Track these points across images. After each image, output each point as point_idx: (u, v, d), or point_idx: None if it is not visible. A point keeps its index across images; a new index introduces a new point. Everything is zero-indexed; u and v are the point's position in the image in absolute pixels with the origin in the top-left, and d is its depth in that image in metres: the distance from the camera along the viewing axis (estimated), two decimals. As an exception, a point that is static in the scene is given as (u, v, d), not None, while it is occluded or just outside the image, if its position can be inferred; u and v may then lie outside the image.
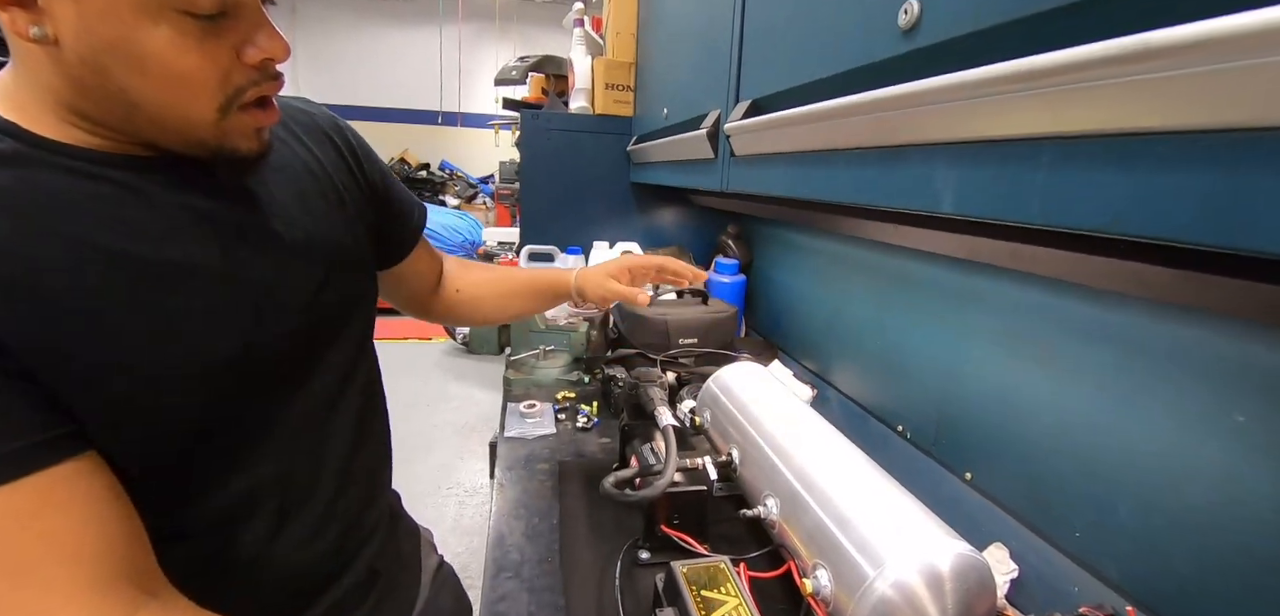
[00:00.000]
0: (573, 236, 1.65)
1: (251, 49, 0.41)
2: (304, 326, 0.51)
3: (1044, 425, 0.71)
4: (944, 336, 0.87)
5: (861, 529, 0.54)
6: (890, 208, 0.48)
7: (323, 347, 0.54)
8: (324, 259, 0.53)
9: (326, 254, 0.54)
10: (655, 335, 1.20)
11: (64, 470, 0.37)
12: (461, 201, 6.78)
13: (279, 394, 0.50)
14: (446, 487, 2.42)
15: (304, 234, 0.52)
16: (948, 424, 0.86)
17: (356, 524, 0.59)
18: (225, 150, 0.43)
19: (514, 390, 1.26)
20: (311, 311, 0.52)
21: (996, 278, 0.77)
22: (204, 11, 0.38)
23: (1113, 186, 0.31)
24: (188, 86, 0.39)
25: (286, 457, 0.51)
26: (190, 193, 0.44)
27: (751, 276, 1.49)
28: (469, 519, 2.25)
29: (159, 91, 0.38)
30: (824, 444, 0.67)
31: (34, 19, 0.35)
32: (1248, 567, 0.50)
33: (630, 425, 0.86)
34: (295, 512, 0.52)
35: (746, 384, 0.83)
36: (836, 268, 1.17)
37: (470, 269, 0.86)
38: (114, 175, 0.41)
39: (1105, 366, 0.63)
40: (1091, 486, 0.65)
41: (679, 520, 0.71)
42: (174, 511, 0.45)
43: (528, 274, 0.88)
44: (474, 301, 0.84)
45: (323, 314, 0.53)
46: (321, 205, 0.55)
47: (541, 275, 0.87)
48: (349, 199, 0.59)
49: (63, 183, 0.39)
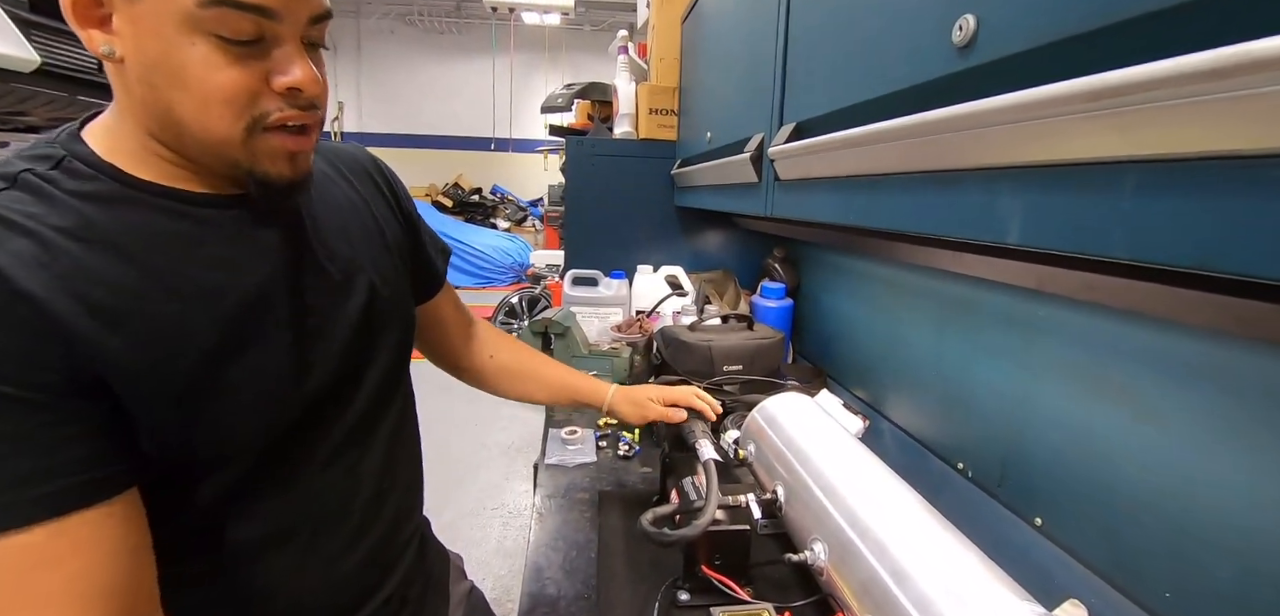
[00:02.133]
0: (617, 261, 1.66)
1: (280, 77, 0.43)
2: (348, 354, 0.53)
3: (1125, 470, 0.64)
4: (1009, 368, 0.80)
5: (921, 585, 0.50)
6: (947, 237, 0.45)
7: (362, 375, 0.56)
8: (367, 289, 0.56)
9: (369, 284, 0.56)
10: (699, 361, 1.17)
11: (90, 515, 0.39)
12: (511, 224, 6.99)
13: (321, 419, 0.52)
14: (491, 508, 2.45)
15: (350, 265, 0.55)
16: (1014, 463, 0.79)
17: (386, 548, 0.60)
18: (257, 173, 0.45)
19: (556, 415, 1.25)
20: (355, 339, 0.54)
21: (1069, 306, 0.71)
22: (240, 37, 0.41)
23: (1202, 217, 0.27)
24: (218, 102, 0.41)
25: (322, 483, 0.53)
26: (260, 228, 0.48)
27: (799, 301, 1.44)
28: (512, 540, 2.27)
29: (195, 107, 0.41)
30: (877, 485, 0.63)
31: (106, 38, 0.40)
32: None
33: (671, 457, 0.84)
34: (327, 536, 0.54)
35: (793, 416, 0.79)
36: (889, 293, 1.12)
37: (506, 342, 0.86)
38: (197, 213, 0.45)
39: (1200, 408, 0.56)
40: (1184, 543, 0.58)
41: (720, 561, 0.68)
42: (216, 530, 0.47)
43: (563, 370, 0.88)
44: (506, 372, 0.84)
45: (365, 342, 0.56)
46: (365, 238, 0.58)
47: (577, 378, 0.87)
48: (388, 232, 0.62)
49: (155, 219, 0.43)
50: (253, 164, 0.45)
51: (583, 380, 0.87)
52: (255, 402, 0.46)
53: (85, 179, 0.42)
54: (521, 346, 0.87)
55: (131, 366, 0.40)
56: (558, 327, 1.34)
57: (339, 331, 0.53)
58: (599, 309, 1.53)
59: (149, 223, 0.43)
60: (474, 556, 2.16)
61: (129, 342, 0.40)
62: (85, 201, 0.41)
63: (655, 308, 1.44)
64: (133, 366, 0.40)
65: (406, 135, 7.25)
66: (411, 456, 0.66)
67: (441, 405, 0.70)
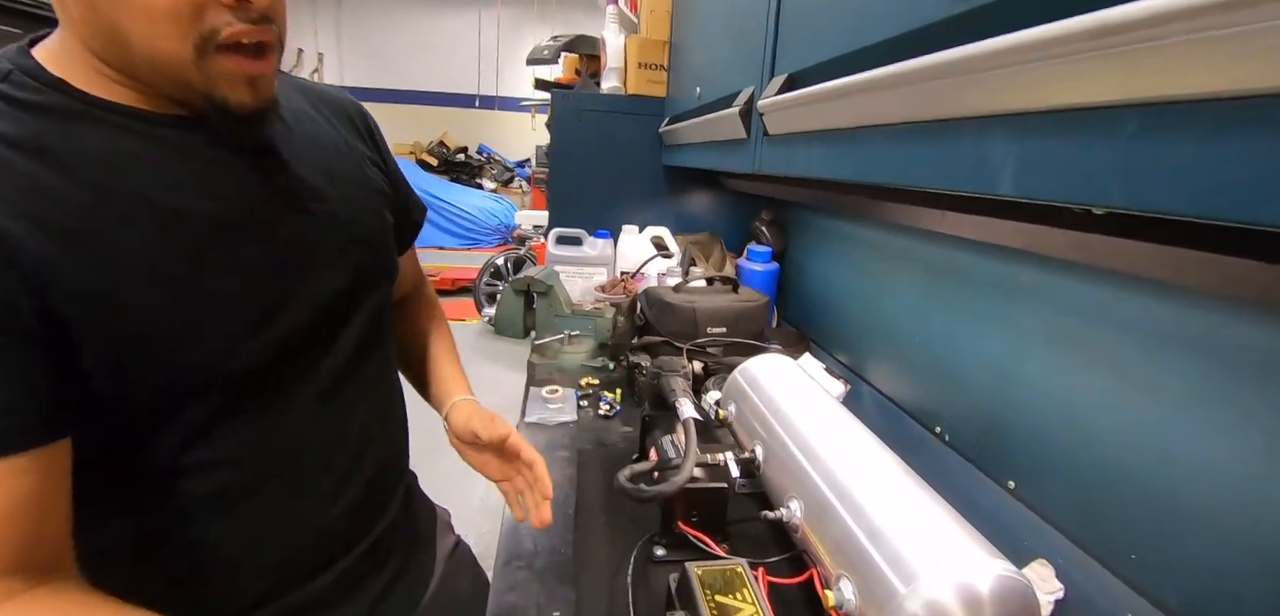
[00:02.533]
0: (602, 220, 1.63)
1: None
2: (330, 295, 0.52)
3: (1101, 436, 0.65)
4: (992, 333, 0.80)
5: (893, 541, 0.50)
6: (938, 189, 0.43)
7: (346, 319, 0.55)
8: (349, 232, 0.54)
9: (352, 227, 0.54)
10: (682, 323, 1.16)
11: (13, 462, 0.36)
12: (498, 185, 6.86)
13: (299, 364, 0.50)
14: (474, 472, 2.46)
15: (333, 206, 0.53)
16: (992, 428, 0.80)
17: (370, 499, 0.59)
18: (215, 98, 0.42)
19: (537, 374, 1.24)
20: (338, 281, 0.53)
21: (1054, 271, 0.70)
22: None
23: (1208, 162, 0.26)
24: (163, 18, 0.38)
25: (303, 431, 0.51)
26: (228, 154, 0.45)
27: (785, 265, 1.43)
28: (496, 499, 2.26)
29: (139, 23, 0.38)
30: (855, 446, 0.63)
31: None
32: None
33: (651, 415, 0.83)
34: (309, 485, 0.53)
35: (775, 377, 0.78)
36: (876, 257, 1.11)
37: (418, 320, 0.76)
38: (157, 132, 0.42)
39: (1180, 376, 0.56)
40: (1155, 507, 0.59)
41: (697, 518, 0.68)
42: (192, 469, 0.45)
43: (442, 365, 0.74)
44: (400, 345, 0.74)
45: (347, 285, 0.54)
46: (348, 180, 0.56)
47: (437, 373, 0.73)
48: (373, 178, 0.60)
49: (111, 139, 0.40)
50: (209, 88, 0.42)
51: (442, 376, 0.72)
52: (222, 340, 0.44)
53: (33, 92, 0.39)
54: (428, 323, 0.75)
55: (89, 292, 0.38)
56: (540, 286, 1.32)
57: (318, 273, 0.51)
58: (583, 269, 1.51)
59: (105, 140, 0.40)
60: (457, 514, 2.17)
61: (86, 267, 0.38)
62: (34, 115, 0.38)
63: (640, 269, 1.42)
64: (90, 292, 0.38)
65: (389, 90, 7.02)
66: (396, 408, 0.65)
67: None
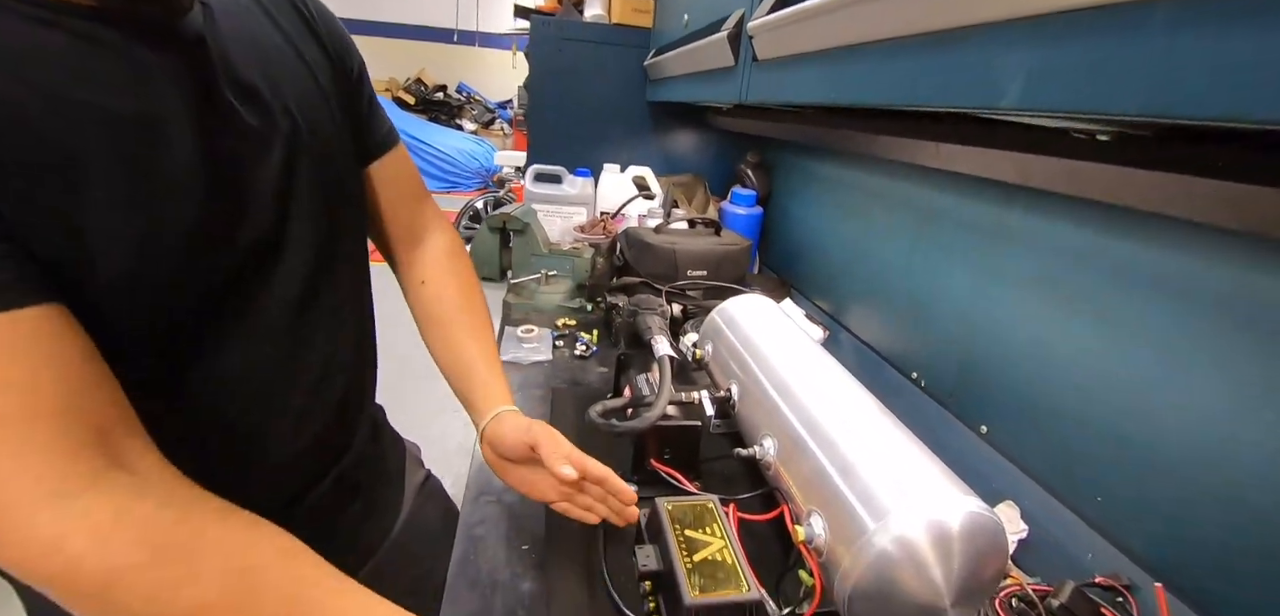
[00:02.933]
0: (583, 158, 1.57)
1: None
2: (272, 214, 0.47)
3: (1076, 381, 0.64)
4: (974, 280, 0.79)
5: (865, 477, 0.49)
6: (940, 106, 0.40)
7: (299, 232, 0.50)
8: (290, 139, 0.49)
9: (294, 133, 0.49)
10: (662, 265, 1.14)
11: (24, 314, 0.33)
12: (479, 127, 6.63)
13: (245, 288, 0.46)
14: (453, 407, 2.43)
15: (270, 109, 0.47)
16: (968, 374, 0.80)
17: (333, 433, 0.56)
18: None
19: (513, 314, 1.21)
20: (279, 198, 0.47)
21: (1042, 212, 0.69)
22: None
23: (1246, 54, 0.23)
24: None
25: (256, 360, 0.48)
26: (150, 48, 0.40)
27: (769, 209, 1.40)
28: (474, 438, 2.28)
29: None
30: (831, 384, 0.62)
31: None
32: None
33: (626, 354, 0.81)
34: (265, 418, 0.49)
35: (753, 317, 0.76)
36: (863, 202, 1.08)
37: (449, 278, 0.67)
38: (69, 23, 0.37)
39: (1157, 322, 0.56)
40: (1123, 452, 0.59)
41: (670, 455, 0.66)
42: (150, 392, 0.42)
43: (477, 354, 0.65)
44: (425, 311, 0.66)
45: (297, 192, 0.49)
46: (291, 80, 0.51)
47: (479, 372, 0.64)
48: (321, 76, 0.54)
49: (20, 28, 0.35)
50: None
51: (482, 378, 0.63)
52: (163, 239, 0.40)
53: None
54: (463, 293, 0.67)
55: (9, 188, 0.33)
56: (516, 224, 1.27)
57: (258, 186, 0.46)
58: (562, 208, 1.46)
59: (8, 29, 0.35)
60: (434, 454, 2.14)
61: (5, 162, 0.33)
62: None
63: (620, 209, 1.38)
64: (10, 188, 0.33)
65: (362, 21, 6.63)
66: (362, 338, 0.61)
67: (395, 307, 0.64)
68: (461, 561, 0.60)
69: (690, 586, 0.48)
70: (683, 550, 0.51)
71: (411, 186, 0.68)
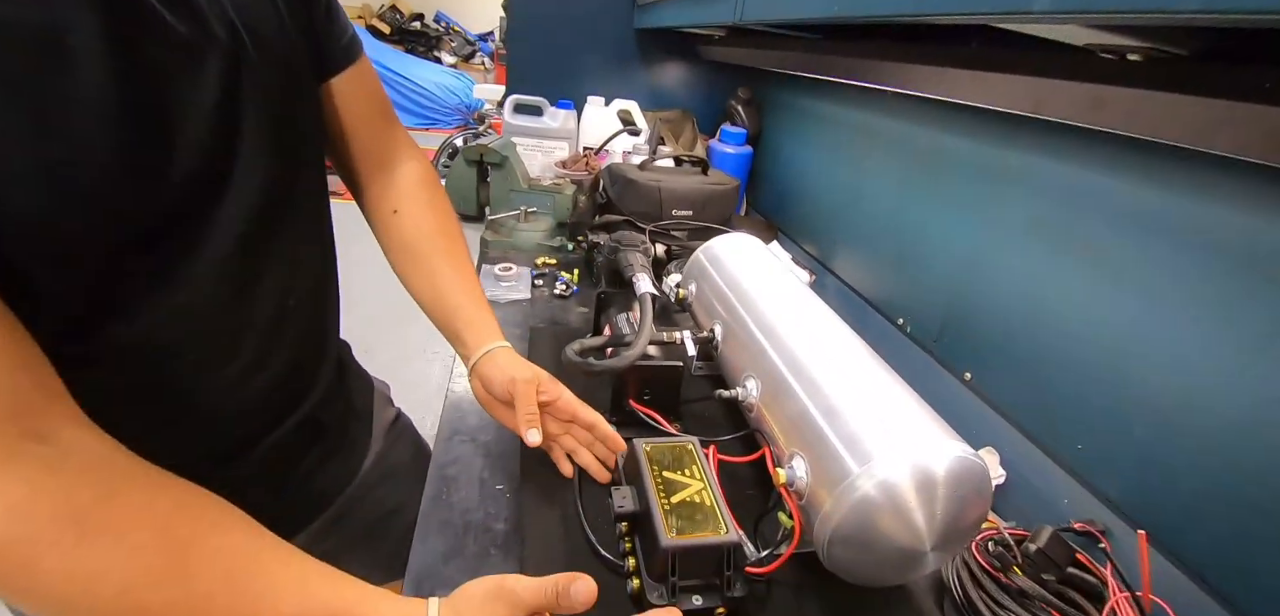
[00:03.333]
0: (565, 89, 1.48)
1: None
2: (215, 127, 0.41)
3: (1064, 328, 0.63)
4: (968, 224, 0.77)
5: (849, 420, 0.47)
6: (958, 13, 0.36)
7: (246, 161, 0.44)
8: (231, 51, 0.42)
9: (234, 45, 0.42)
10: (647, 203, 1.09)
11: None
12: (458, 60, 6.34)
13: (192, 213, 0.41)
14: (432, 351, 2.42)
15: (205, 17, 0.40)
16: (954, 320, 0.78)
17: (295, 373, 0.53)
18: None
19: (491, 251, 1.17)
20: (224, 107, 0.42)
21: (1042, 152, 0.66)
22: None
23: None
24: None
25: (203, 292, 0.43)
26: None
27: (759, 149, 1.36)
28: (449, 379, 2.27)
29: None
30: (817, 326, 0.59)
31: None
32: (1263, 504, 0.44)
33: (607, 293, 0.78)
34: (221, 359, 0.45)
35: (738, 256, 0.73)
36: (856, 142, 1.04)
37: (424, 207, 0.62)
38: None
39: (1153, 268, 0.54)
40: (1107, 399, 0.58)
41: (649, 396, 0.64)
42: (83, 338, 0.38)
43: (460, 286, 0.61)
44: (401, 244, 0.61)
45: (241, 114, 0.43)
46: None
47: (464, 307, 0.60)
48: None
49: None
50: None
51: (469, 315, 0.60)
52: (77, 176, 0.34)
53: None
54: (440, 223, 0.63)
55: None
56: (494, 157, 1.21)
57: (190, 109, 0.40)
58: (543, 142, 1.39)
59: None
60: (414, 397, 2.13)
61: None
62: None
63: (604, 144, 1.32)
64: None
65: (333, -64, 6.21)
66: (323, 273, 0.57)
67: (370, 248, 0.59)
68: (433, 501, 0.58)
69: (667, 527, 0.46)
70: (660, 491, 0.50)
71: (377, 105, 0.62)
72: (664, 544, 0.45)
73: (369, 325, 2.52)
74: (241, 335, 0.46)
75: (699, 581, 0.46)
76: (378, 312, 2.67)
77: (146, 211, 0.38)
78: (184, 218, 0.41)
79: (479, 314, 0.60)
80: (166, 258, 0.40)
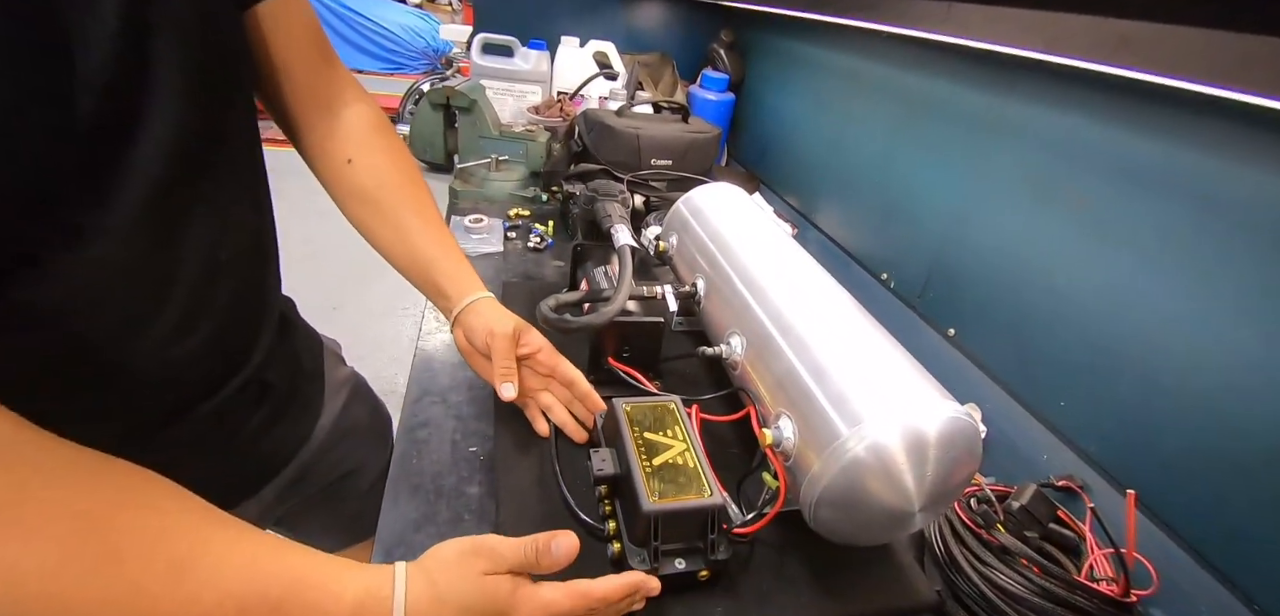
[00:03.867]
0: (537, 28, 1.39)
1: None
2: (119, 57, 0.35)
3: (1052, 284, 0.62)
4: (958, 177, 0.74)
5: (838, 380, 0.45)
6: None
7: (159, 98, 0.38)
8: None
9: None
10: (625, 152, 1.04)
11: None
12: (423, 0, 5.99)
13: (100, 157, 0.36)
14: (402, 308, 2.35)
15: None
16: (940, 275, 0.77)
17: (229, 333, 0.48)
18: None
19: (460, 202, 1.11)
20: (129, 34, 0.36)
21: (1039, 104, 0.63)
22: None
23: None
24: None
25: (126, 238, 0.38)
26: None
27: (741, 96, 1.30)
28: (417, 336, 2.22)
29: None
30: (805, 281, 0.57)
31: None
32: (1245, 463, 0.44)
33: (583, 245, 0.74)
34: (148, 306, 0.41)
35: (721, 206, 0.70)
36: (846, 89, 1.00)
37: (382, 153, 0.57)
38: None
39: (1148, 224, 0.53)
40: (1092, 356, 0.58)
41: (629, 353, 0.62)
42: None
43: (434, 238, 0.57)
44: (360, 194, 0.56)
45: (151, 44, 0.37)
46: None
47: (441, 260, 0.57)
48: None
49: None
50: None
51: (446, 267, 0.57)
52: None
53: None
54: (402, 170, 0.58)
55: None
56: (461, 101, 1.13)
57: (88, 37, 0.34)
58: (514, 85, 1.31)
59: None
60: (384, 355, 2.09)
61: None
62: None
63: (580, 89, 1.25)
64: None
65: None
66: (258, 225, 0.51)
67: None
68: (401, 463, 0.55)
69: (649, 491, 0.44)
70: (641, 453, 0.47)
71: (312, 37, 0.55)
72: (646, 508, 0.43)
73: (336, 284, 2.43)
74: (165, 292, 0.41)
75: (682, 545, 0.45)
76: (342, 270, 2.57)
77: (50, 155, 0.33)
78: (93, 163, 0.35)
79: (457, 266, 0.58)
80: (76, 207, 0.35)
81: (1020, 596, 0.45)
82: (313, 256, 2.64)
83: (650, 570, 0.43)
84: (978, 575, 0.47)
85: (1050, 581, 0.44)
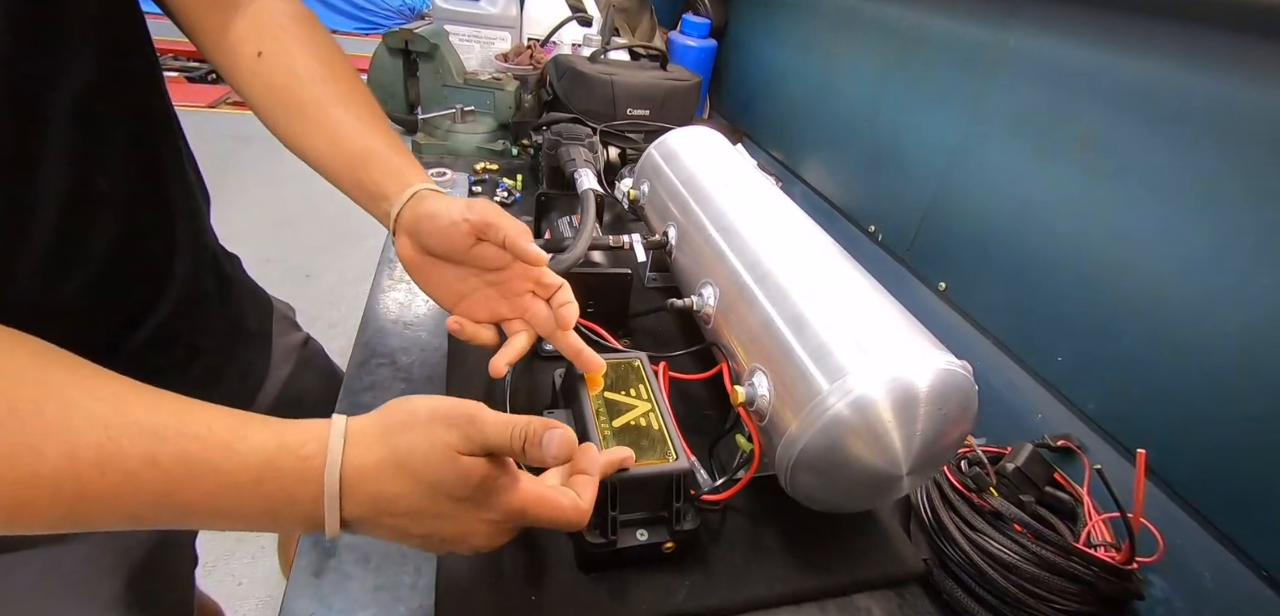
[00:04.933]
0: (507, -29, 1.30)
1: None
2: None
3: (1050, 232, 0.57)
4: (950, 120, 0.69)
5: (819, 331, 0.40)
6: None
7: None
8: None
9: None
10: (599, 100, 0.97)
11: None
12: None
13: None
14: (345, 243, 2.28)
15: None
16: (931, 226, 0.72)
17: (121, 279, 0.41)
18: None
19: (424, 155, 1.03)
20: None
21: (1041, 33, 0.58)
22: None
23: None
24: None
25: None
26: None
27: (723, 44, 1.23)
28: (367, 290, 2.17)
29: None
30: (785, 227, 0.52)
31: None
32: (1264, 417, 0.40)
33: (548, 194, 0.68)
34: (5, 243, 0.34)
35: (696, 149, 0.64)
36: (833, 32, 0.94)
37: (301, 47, 0.47)
38: None
39: (1160, 161, 0.48)
40: (1094, 308, 0.53)
41: (594, 308, 0.56)
42: None
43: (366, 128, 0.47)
44: (273, 91, 0.47)
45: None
46: None
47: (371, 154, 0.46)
48: None
49: None
50: None
51: (383, 157, 0.46)
52: None
53: None
54: (324, 60, 0.48)
55: None
56: (422, 45, 1.05)
57: None
58: (481, 31, 1.23)
59: None
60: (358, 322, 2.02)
61: None
62: None
63: (551, 35, 1.17)
64: None
65: None
66: (157, 158, 0.44)
67: None
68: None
69: (607, 457, 0.39)
70: (601, 415, 0.42)
71: None
72: (603, 475, 0.38)
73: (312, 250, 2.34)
74: (23, 227, 0.35)
75: (644, 514, 0.40)
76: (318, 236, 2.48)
77: None
78: None
79: (397, 157, 0.46)
80: None
81: (1013, 564, 0.41)
82: (289, 221, 2.54)
83: (606, 544, 0.38)
84: (967, 542, 0.43)
85: (1045, 548, 0.41)
